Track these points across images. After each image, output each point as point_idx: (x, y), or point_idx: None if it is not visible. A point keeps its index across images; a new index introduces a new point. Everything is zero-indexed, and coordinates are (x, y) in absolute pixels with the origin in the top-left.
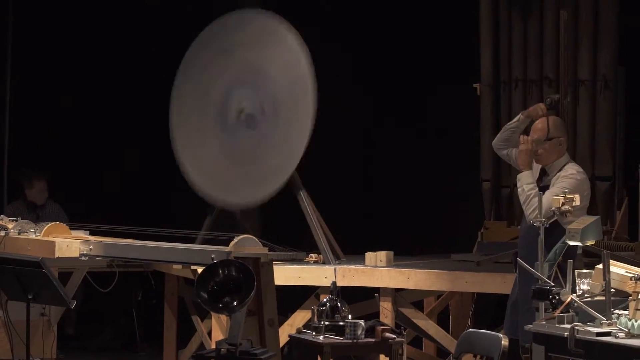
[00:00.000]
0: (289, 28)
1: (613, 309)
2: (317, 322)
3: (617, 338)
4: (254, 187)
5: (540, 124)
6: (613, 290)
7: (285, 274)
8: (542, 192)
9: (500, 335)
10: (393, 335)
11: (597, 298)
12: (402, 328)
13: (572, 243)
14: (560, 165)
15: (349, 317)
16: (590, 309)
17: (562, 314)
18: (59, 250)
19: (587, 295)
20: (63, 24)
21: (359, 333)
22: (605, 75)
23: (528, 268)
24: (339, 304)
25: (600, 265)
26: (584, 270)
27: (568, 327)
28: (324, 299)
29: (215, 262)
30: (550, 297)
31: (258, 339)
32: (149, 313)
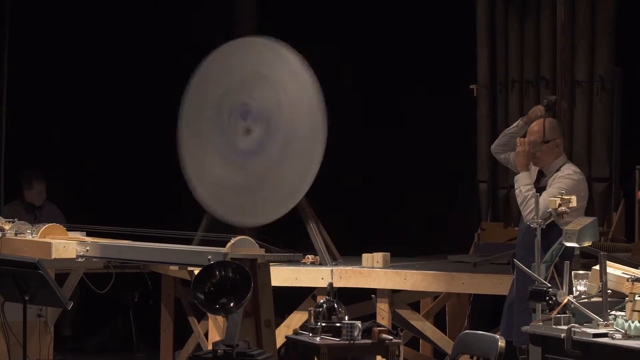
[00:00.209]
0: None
1: (610, 310)
2: (313, 323)
3: (613, 339)
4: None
5: (537, 127)
6: (610, 292)
7: (282, 275)
8: (539, 193)
9: (497, 337)
10: (390, 337)
11: (593, 299)
12: (398, 329)
13: (568, 244)
14: (558, 166)
15: (346, 318)
16: (587, 310)
17: (558, 315)
18: (56, 252)
19: (583, 297)
20: (61, 25)
21: (356, 334)
22: (602, 77)
23: (524, 269)
24: (336, 305)
25: (597, 267)
26: (581, 272)
27: (565, 328)
28: (321, 300)
29: (212, 263)
30: (547, 298)
31: (255, 340)
32: (146, 314)
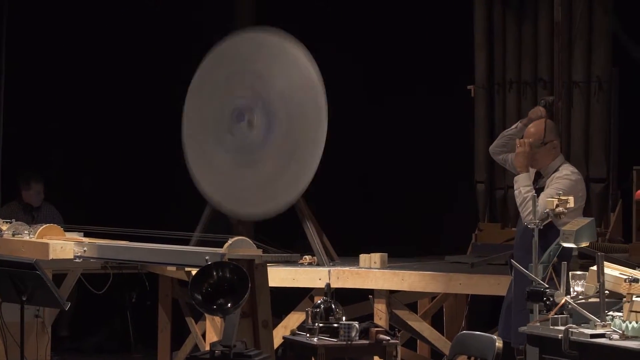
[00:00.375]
0: (298, 44)
1: (607, 311)
2: (311, 323)
3: (611, 340)
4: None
5: (533, 129)
6: (607, 292)
7: (280, 276)
8: (537, 194)
9: (495, 337)
10: (387, 337)
11: (591, 300)
12: (396, 330)
13: (566, 245)
14: (555, 167)
15: (343, 318)
16: (585, 311)
17: (556, 316)
18: (53, 252)
19: (581, 297)
20: (59, 24)
21: (353, 335)
22: (599, 77)
23: (522, 270)
24: (333, 306)
25: (595, 267)
26: (578, 272)
27: (562, 328)
28: (318, 301)
29: (210, 263)
30: (545, 298)
31: (252, 341)
32: (143, 315)
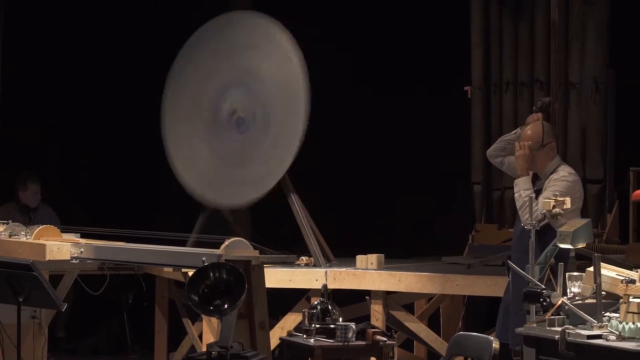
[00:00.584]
0: (283, 29)
1: (604, 312)
2: (308, 324)
3: (607, 341)
4: (244, 189)
5: (531, 132)
6: (604, 293)
7: (276, 277)
8: (535, 195)
9: (491, 338)
10: (384, 338)
11: (588, 301)
12: (393, 331)
13: (562, 246)
14: (553, 168)
15: (340, 319)
16: (581, 312)
17: (553, 317)
18: (50, 253)
19: (578, 298)
20: (55, 24)
21: (350, 336)
22: (596, 78)
23: (519, 271)
24: (330, 307)
25: (591, 268)
26: (575, 273)
27: (559, 329)
28: (315, 302)
29: (206, 264)
30: (541, 299)
31: (249, 342)
32: (140, 316)
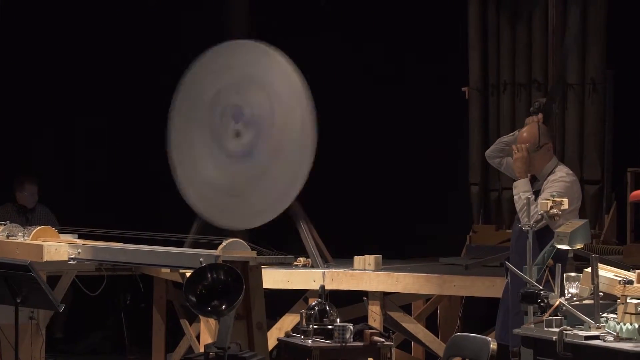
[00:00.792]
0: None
1: (601, 313)
2: (305, 325)
3: (605, 342)
4: (251, 215)
5: (527, 133)
6: (601, 294)
7: (274, 278)
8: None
9: (489, 339)
10: (381, 339)
11: (585, 301)
12: (390, 332)
13: (560, 246)
14: (550, 169)
15: (338, 320)
16: (579, 313)
17: (550, 318)
18: (48, 254)
19: (575, 299)
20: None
21: (348, 337)
22: (594, 79)
23: (517, 272)
24: (328, 308)
25: (589, 269)
26: (573, 274)
27: (557, 330)
28: (313, 303)
29: (204, 265)
30: (539, 300)
31: (246, 343)
32: (138, 317)
